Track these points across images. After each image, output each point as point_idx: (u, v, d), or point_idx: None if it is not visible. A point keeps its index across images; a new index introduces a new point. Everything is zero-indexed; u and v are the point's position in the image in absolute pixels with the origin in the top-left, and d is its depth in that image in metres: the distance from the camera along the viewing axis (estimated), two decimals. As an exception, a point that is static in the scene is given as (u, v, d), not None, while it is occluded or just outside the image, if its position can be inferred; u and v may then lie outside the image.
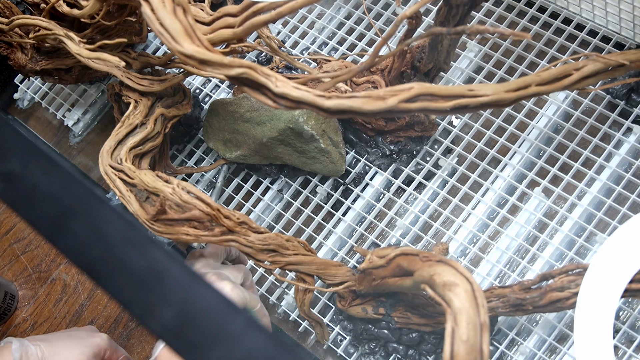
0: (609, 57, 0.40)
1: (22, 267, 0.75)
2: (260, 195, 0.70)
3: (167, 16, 0.35)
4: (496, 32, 0.34)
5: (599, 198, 0.60)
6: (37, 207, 0.26)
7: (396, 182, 0.66)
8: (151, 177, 0.50)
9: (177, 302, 0.24)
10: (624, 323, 0.56)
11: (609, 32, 0.65)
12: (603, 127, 0.62)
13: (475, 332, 0.35)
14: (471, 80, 0.68)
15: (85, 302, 0.72)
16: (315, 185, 0.68)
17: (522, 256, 0.61)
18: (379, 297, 0.56)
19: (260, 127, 0.64)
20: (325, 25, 0.75)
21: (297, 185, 0.69)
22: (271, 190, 0.69)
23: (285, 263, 0.50)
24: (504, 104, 0.37)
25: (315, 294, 0.64)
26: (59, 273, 0.74)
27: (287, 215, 0.68)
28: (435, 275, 0.41)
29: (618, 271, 0.43)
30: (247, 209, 0.70)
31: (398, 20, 0.36)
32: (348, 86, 0.63)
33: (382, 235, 0.66)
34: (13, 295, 0.73)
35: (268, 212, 0.70)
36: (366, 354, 0.61)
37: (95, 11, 0.53)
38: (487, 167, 0.64)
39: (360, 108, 0.35)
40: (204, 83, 0.76)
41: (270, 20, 0.38)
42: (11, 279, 0.75)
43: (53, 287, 0.73)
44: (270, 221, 0.69)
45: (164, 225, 0.47)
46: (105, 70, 0.55)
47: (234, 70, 0.35)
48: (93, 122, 0.81)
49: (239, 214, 0.49)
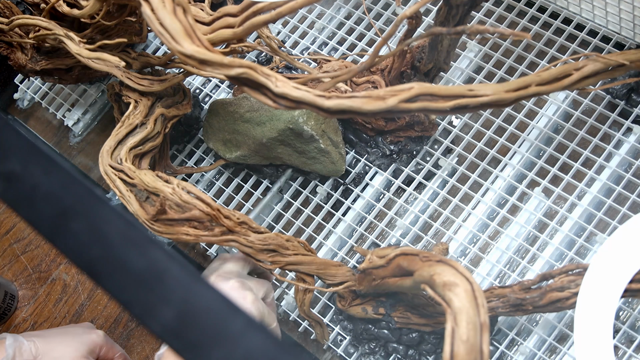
0: (609, 57, 0.40)
1: (22, 267, 0.75)
2: (260, 195, 0.70)
3: (167, 16, 0.35)
4: (496, 32, 0.34)
5: (599, 198, 0.60)
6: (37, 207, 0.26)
7: (396, 182, 0.66)
8: (151, 177, 0.50)
9: (177, 302, 0.24)
10: (624, 323, 0.56)
11: (609, 32, 0.65)
12: (603, 127, 0.62)
13: (475, 332, 0.35)
14: (471, 80, 0.68)
15: (85, 302, 0.72)
16: (315, 185, 0.68)
17: (522, 256, 0.61)
18: (379, 297, 0.56)
19: (260, 127, 0.64)
20: (325, 25, 0.75)
21: (297, 185, 0.69)
22: (271, 191, 0.69)
23: (285, 263, 0.50)
24: (504, 104, 0.37)
25: (315, 294, 0.64)
26: (59, 273, 0.74)
27: (287, 215, 0.68)
28: (435, 275, 0.41)
29: (618, 271, 0.43)
30: (247, 209, 0.70)
31: (398, 20, 0.36)
32: (348, 86, 0.63)
33: (382, 235, 0.66)
34: (13, 295, 0.73)
35: (268, 212, 0.70)
36: (366, 354, 0.61)
37: (95, 11, 0.53)
38: (487, 167, 0.64)
39: (360, 108, 0.35)
40: (204, 83, 0.76)
41: (270, 20, 0.38)
42: (11, 279, 0.75)
43: (53, 287, 0.73)
44: (270, 221, 0.69)
45: (164, 225, 0.47)
46: (105, 70, 0.55)
47: (234, 70, 0.35)
48: (93, 122, 0.81)
49: (239, 214, 0.49)
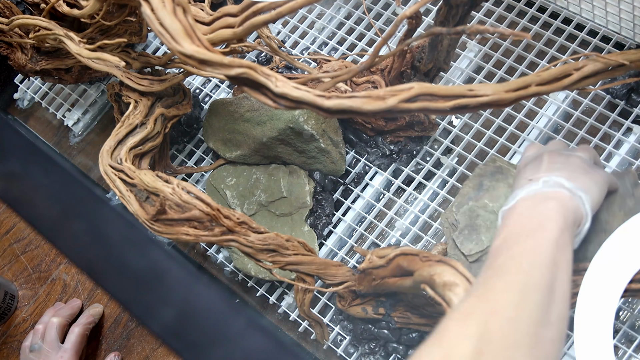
0: (609, 57, 0.40)
1: (22, 267, 0.75)
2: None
3: (167, 16, 0.35)
4: (496, 32, 0.34)
5: (599, 198, 0.60)
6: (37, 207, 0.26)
7: (396, 182, 0.66)
8: (151, 177, 0.50)
9: (177, 302, 0.24)
10: (624, 323, 0.56)
11: (609, 32, 0.65)
12: (603, 127, 0.62)
13: (475, 332, 0.35)
14: (471, 80, 0.68)
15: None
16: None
17: (522, 256, 0.61)
18: (379, 297, 0.56)
19: (260, 126, 0.64)
20: (325, 25, 0.75)
21: (297, 185, 0.69)
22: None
23: (285, 263, 0.50)
24: (504, 104, 0.37)
25: (315, 294, 0.64)
26: (59, 273, 0.74)
27: (287, 215, 0.68)
28: (435, 275, 0.41)
29: (618, 271, 0.43)
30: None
31: (398, 20, 0.36)
32: (348, 86, 0.63)
33: (382, 235, 0.66)
34: (13, 295, 0.73)
35: (268, 212, 0.70)
36: (366, 354, 0.61)
37: (95, 11, 0.53)
38: (487, 167, 0.64)
39: (360, 108, 0.35)
40: (204, 83, 0.76)
41: (270, 20, 0.38)
42: (11, 279, 0.75)
43: (53, 287, 0.73)
44: (270, 221, 0.69)
45: (164, 225, 0.47)
46: (105, 70, 0.55)
47: (234, 70, 0.35)
48: (93, 122, 0.81)
49: (239, 214, 0.49)
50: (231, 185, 0.66)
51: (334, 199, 0.67)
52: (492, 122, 0.66)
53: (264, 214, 0.65)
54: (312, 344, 0.64)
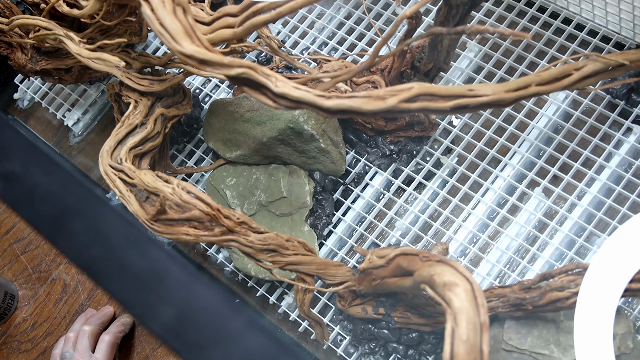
0: (609, 57, 0.40)
1: (22, 267, 0.75)
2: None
3: (167, 16, 0.35)
4: (496, 32, 0.34)
5: (599, 198, 0.60)
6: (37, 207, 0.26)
7: (396, 182, 0.66)
8: (151, 177, 0.50)
9: (177, 302, 0.24)
10: (624, 323, 0.56)
11: (609, 32, 0.65)
12: (603, 127, 0.62)
13: (475, 332, 0.35)
14: (471, 80, 0.68)
15: (85, 302, 0.72)
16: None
17: (522, 256, 0.61)
18: (379, 297, 0.56)
19: (260, 126, 0.64)
20: (325, 25, 0.75)
21: (297, 185, 0.69)
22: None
23: (285, 263, 0.50)
24: (504, 104, 0.37)
25: (315, 294, 0.64)
26: (59, 273, 0.74)
27: (287, 215, 0.68)
28: (435, 275, 0.41)
29: (618, 271, 0.43)
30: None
31: (398, 20, 0.36)
32: (348, 86, 0.63)
33: (382, 235, 0.66)
34: (13, 295, 0.73)
35: (268, 212, 0.70)
36: (366, 354, 0.61)
37: (95, 11, 0.53)
38: (487, 167, 0.64)
39: (360, 108, 0.35)
40: (204, 83, 0.76)
41: (270, 20, 0.38)
42: (11, 279, 0.75)
43: (53, 287, 0.73)
44: (270, 221, 0.69)
45: (164, 225, 0.47)
46: (105, 70, 0.55)
47: (234, 70, 0.35)
48: (93, 122, 0.81)
49: (239, 214, 0.49)
50: (231, 185, 0.66)
51: (334, 199, 0.67)
52: (492, 122, 0.66)
53: (264, 214, 0.65)
54: (312, 344, 0.64)
